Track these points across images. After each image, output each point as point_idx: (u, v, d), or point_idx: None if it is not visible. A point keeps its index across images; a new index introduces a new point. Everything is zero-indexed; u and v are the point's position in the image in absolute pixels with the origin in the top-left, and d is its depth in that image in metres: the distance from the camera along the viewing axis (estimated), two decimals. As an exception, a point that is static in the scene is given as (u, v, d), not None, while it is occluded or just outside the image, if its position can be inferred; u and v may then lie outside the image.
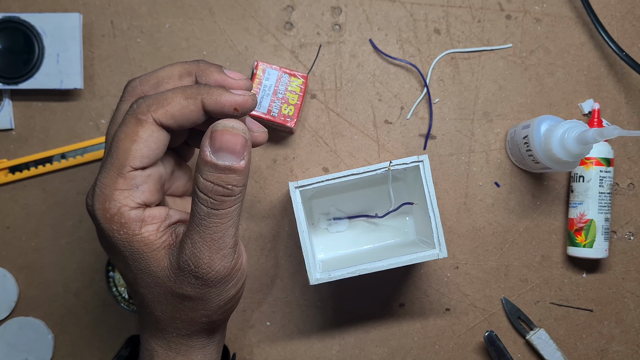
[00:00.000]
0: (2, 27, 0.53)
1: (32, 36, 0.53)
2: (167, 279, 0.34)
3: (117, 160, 0.32)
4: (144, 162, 0.33)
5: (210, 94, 0.33)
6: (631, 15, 0.57)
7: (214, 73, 0.35)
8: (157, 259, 0.34)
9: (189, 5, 0.56)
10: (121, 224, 0.33)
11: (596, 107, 0.54)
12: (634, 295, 0.56)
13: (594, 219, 0.53)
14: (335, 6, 0.56)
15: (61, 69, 0.53)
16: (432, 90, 0.56)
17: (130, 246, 0.33)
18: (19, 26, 0.53)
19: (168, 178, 0.39)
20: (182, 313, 0.35)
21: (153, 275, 0.34)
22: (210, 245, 0.33)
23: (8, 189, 0.55)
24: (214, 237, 0.32)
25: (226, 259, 0.34)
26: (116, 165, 0.32)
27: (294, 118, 0.52)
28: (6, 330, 0.54)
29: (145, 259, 0.33)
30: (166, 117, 0.32)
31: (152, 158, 0.33)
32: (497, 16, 0.56)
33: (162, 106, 0.32)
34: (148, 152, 0.32)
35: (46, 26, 0.53)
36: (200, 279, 0.33)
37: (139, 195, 0.33)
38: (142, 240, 0.33)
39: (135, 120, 0.32)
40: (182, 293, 0.34)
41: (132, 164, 0.32)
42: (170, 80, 0.34)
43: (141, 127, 0.32)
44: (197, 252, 0.32)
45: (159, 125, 0.32)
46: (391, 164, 0.45)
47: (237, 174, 0.32)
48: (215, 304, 0.35)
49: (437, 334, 0.56)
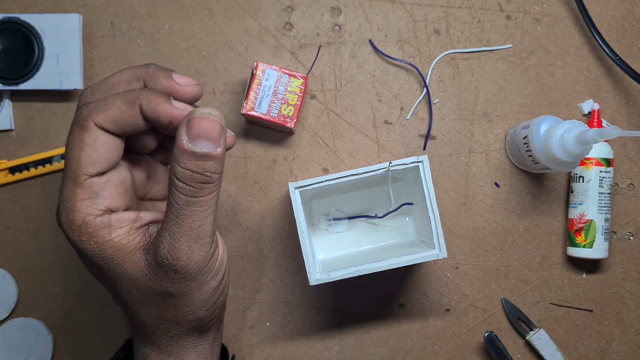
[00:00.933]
0: (2, 27, 0.53)
1: (32, 37, 0.53)
2: (147, 279, 0.33)
3: (71, 170, 0.32)
4: (97, 167, 0.32)
5: (149, 101, 0.32)
6: (631, 15, 0.57)
7: (161, 78, 0.34)
8: (132, 261, 0.33)
9: (188, 6, 0.56)
10: (89, 234, 0.32)
11: (596, 108, 0.54)
12: (634, 296, 0.56)
13: (594, 219, 0.53)
14: (335, 7, 0.56)
15: (61, 70, 0.53)
16: (432, 91, 0.56)
17: (102, 254, 0.33)
18: (19, 27, 0.53)
19: (144, 183, 0.39)
20: (167, 312, 0.35)
21: (132, 278, 0.34)
22: (189, 234, 0.32)
23: (8, 190, 0.55)
24: (193, 225, 0.32)
25: (205, 248, 0.33)
26: (71, 176, 0.32)
27: (294, 118, 0.52)
28: (6, 330, 0.54)
29: (120, 264, 0.33)
30: (107, 121, 0.32)
31: (105, 163, 0.33)
32: (497, 16, 0.56)
33: (102, 111, 0.32)
34: (98, 157, 0.32)
35: (46, 27, 0.53)
36: (180, 272, 0.33)
37: (101, 202, 0.33)
38: (114, 246, 0.33)
39: (79, 127, 0.32)
40: (163, 290, 0.34)
41: (85, 171, 0.32)
42: (119, 86, 0.33)
43: (85, 132, 0.32)
44: (176, 243, 0.32)
45: (102, 129, 0.32)
46: (391, 165, 0.45)
47: (215, 161, 0.31)
48: (198, 299, 0.35)
49: (437, 335, 0.56)
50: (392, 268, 0.45)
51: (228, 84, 0.56)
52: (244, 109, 0.51)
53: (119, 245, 0.33)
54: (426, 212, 0.46)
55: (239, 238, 0.55)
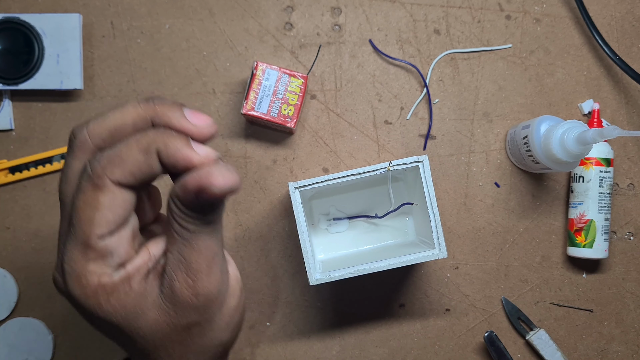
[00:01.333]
0: (2, 27, 0.53)
1: (32, 37, 0.53)
2: (168, 316, 0.31)
3: (81, 232, 0.28)
4: (111, 227, 0.29)
5: (167, 146, 0.28)
6: (631, 15, 0.57)
7: (173, 119, 0.29)
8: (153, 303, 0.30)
9: (188, 5, 0.56)
10: (108, 294, 0.29)
11: (596, 108, 0.54)
12: (634, 296, 0.56)
13: (594, 219, 0.53)
14: (335, 7, 0.56)
15: (61, 70, 0.53)
16: (432, 91, 0.56)
17: (124, 310, 0.29)
18: (19, 27, 0.53)
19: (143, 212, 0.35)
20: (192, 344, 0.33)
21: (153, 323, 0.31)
22: (202, 263, 0.30)
23: (8, 190, 0.55)
24: (206, 253, 0.30)
25: (219, 270, 0.31)
26: (80, 238, 0.28)
27: (294, 118, 0.52)
28: (6, 330, 0.54)
29: (142, 312, 0.30)
30: (125, 176, 0.28)
31: (119, 221, 0.29)
32: (497, 16, 0.56)
33: (118, 165, 0.28)
34: (114, 217, 0.29)
35: (46, 27, 0.53)
36: (202, 302, 0.30)
37: (115, 259, 0.29)
38: (135, 297, 0.29)
39: (93, 187, 0.28)
40: (188, 322, 0.31)
41: (99, 232, 0.28)
42: (124, 130, 0.29)
43: (100, 192, 0.28)
44: (192, 275, 0.29)
45: (119, 186, 0.28)
46: (391, 165, 0.45)
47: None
48: (221, 321, 0.33)
49: (437, 335, 0.56)
50: (392, 268, 0.45)
51: (228, 84, 0.56)
52: (244, 109, 0.51)
53: (139, 293, 0.30)
54: (426, 212, 0.46)
55: (239, 238, 0.55)
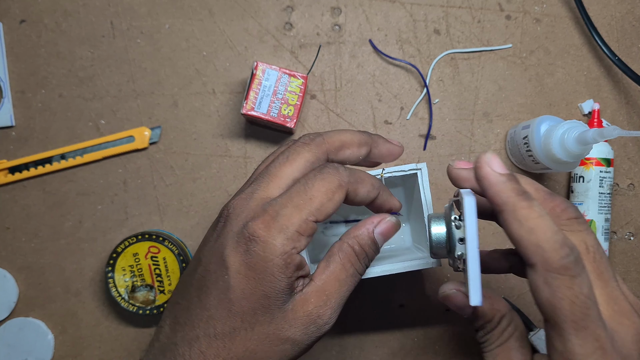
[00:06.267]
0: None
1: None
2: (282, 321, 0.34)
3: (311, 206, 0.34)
4: (322, 218, 0.35)
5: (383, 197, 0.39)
6: (631, 15, 0.57)
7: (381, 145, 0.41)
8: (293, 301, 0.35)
9: (188, 5, 0.56)
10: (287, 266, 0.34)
11: (596, 108, 0.54)
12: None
13: (594, 220, 0.53)
14: (335, 7, 0.56)
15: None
16: (432, 91, 0.56)
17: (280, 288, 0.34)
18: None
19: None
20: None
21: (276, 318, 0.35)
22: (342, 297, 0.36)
23: (8, 190, 0.55)
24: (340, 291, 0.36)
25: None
26: (307, 211, 0.34)
27: (294, 118, 0.52)
28: (6, 330, 0.54)
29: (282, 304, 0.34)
30: (354, 192, 0.37)
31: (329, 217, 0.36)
32: (497, 16, 0.56)
33: (357, 183, 0.37)
34: (332, 212, 0.35)
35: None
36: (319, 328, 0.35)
37: (302, 244, 0.35)
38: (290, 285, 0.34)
39: (339, 184, 0.36)
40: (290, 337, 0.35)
41: (318, 217, 0.35)
42: (350, 147, 0.39)
43: (340, 191, 0.36)
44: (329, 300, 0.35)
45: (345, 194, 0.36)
46: (384, 172, 0.45)
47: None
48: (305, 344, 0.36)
49: (437, 335, 0.56)
50: (386, 274, 0.45)
51: (228, 84, 0.56)
52: (244, 109, 0.51)
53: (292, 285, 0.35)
54: (422, 220, 0.45)
55: (239, 238, 0.55)
